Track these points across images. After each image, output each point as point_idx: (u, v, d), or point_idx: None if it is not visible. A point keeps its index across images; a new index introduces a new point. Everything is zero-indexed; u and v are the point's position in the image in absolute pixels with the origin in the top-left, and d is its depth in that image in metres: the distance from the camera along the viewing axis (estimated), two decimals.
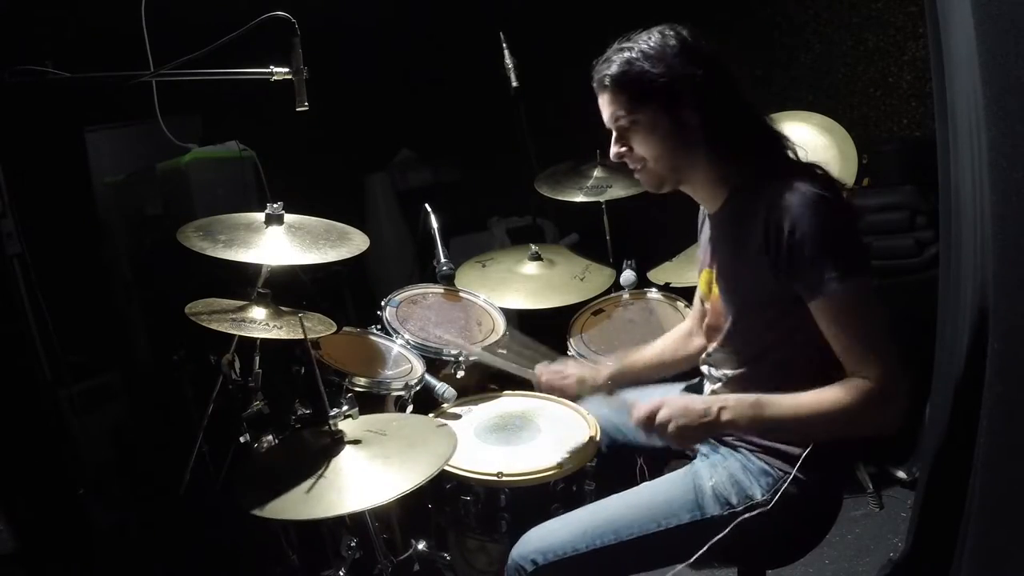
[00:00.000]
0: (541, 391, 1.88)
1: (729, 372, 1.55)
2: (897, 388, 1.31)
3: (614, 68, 1.44)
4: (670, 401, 1.40)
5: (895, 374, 1.31)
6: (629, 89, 1.44)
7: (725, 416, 1.37)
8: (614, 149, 1.52)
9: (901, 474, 2.57)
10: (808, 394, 1.34)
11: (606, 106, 1.50)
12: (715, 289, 1.54)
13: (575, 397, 1.83)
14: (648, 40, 1.43)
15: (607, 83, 1.46)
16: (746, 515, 1.43)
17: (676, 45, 1.41)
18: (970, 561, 1.30)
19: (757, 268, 1.39)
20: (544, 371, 1.84)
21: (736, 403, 1.38)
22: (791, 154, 1.47)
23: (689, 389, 1.80)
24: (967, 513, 1.35)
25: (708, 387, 1.64)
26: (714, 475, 1.50)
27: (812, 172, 1.40)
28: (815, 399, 1.34)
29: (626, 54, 1.43)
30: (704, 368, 1.65)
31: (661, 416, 1.38)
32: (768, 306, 1.42)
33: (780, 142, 1.48)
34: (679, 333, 1.86)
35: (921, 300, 2.05)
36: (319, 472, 1.54)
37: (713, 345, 1.59)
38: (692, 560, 1.43)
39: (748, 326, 1.48)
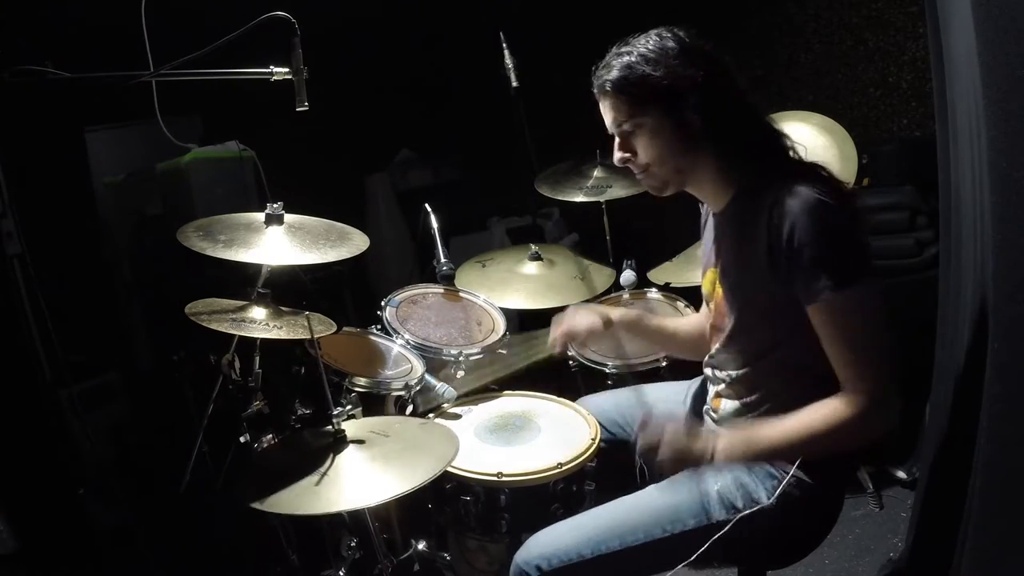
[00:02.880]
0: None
1: (733, 373, 1.54)
2: (886, 399, 1.32)
3: (614, 73, 1.43)
4: (672, 441, 1.38)
5: (884, 385, 1.32)
6: (630, 93, 1.43)
7: (720, 456, 1.38)
8: (617, 155, 1.51)
9: (901, 474, 2.57)
10: (797, 418, 1.36)
11: (608, 112, 1.49)
12: (719, 289, 1.54)
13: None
14: (647, 43, 1.42)
15: (608, 88, 1.45)
16: (751, 518, 1.42)
17: (675, 47, 1.41)
18: (970, 561, 1.30)
19: (759, 269, 1.39)
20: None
21: (728, 440, 1.40)
22: (793, 154, 1.47)
23: (697, 396, 1.79)
24: (967, 513, 1.35)
25: (712, 389, 1.63)
26: (719, 479, 1.49)
27: (816, 173, 1.40)
28: (806, 422, 1.35)
29: (625, 58, 1.42)
30: (708, 371, 1.64)
31: (662, 455, 1.38)
32: (770, 306, 1.41)
33: (782, 142, 1.48)
34: (698, 323, 1.81)
35: (921, 300, 2.05)
36: (320, 471, 1.53)
37: (716, 346, 1.59)
38: (691, 560, 1.43)
39: (751, 326, 1.48)
